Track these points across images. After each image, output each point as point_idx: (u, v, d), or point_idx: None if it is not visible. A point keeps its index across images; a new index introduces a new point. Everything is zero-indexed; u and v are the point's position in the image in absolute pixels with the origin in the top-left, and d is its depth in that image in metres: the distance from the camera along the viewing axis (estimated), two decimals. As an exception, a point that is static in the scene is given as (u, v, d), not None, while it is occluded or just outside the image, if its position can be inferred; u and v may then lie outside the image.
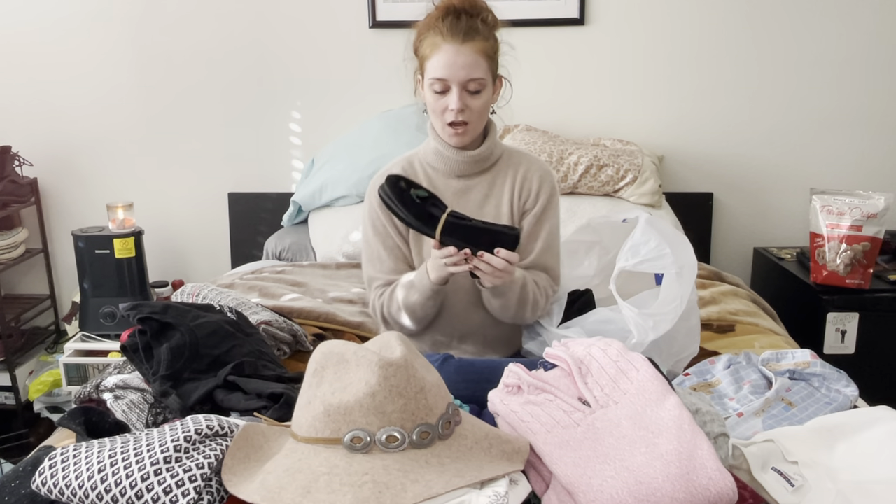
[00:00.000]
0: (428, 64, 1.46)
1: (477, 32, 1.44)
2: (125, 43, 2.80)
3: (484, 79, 1.45)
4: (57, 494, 0.93)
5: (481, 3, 1.48)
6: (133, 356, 1.35)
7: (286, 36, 2.77)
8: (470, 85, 1.44)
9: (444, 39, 1.43)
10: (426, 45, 1.46)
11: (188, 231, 2.96)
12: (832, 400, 1.32)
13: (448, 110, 1.46)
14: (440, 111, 1.47)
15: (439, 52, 1.43)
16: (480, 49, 1.44)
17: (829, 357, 2.17)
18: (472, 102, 1.46)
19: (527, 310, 1.52)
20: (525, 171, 1.58)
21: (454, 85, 1.44)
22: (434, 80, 1.45)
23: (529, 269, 1.55)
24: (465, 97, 1.45)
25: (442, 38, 1.43)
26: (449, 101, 1.45)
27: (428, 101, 1.50)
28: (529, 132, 2.63)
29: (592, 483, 0.91)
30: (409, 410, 0.91)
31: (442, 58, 1.43)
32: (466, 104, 1.45)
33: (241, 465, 0.94)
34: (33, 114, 2.87)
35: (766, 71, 2.70)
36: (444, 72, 1.43)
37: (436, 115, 1.49)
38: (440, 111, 1.47)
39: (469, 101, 1.45)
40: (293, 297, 1.99)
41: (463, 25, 1.43)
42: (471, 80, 1.43)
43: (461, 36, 1.42)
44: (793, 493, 1.01)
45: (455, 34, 1.42)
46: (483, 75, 1.45)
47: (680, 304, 1.43)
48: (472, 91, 1.45)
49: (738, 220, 2.84)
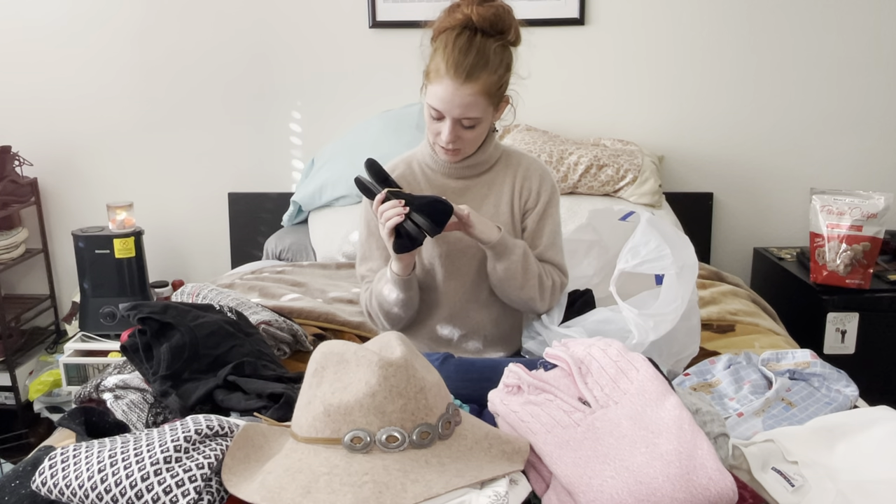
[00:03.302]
0: (430, 85, 1.42)
1: (483, 68, 1.37)
2: (125, 43, 2.80)
3: (479, 118, 1.42)
4: (57, 494, 0.93)
5: (505, 21, 1.40)
6: (133, 356, 1.35)
7: (286, 36, 2.77)
8: (464, 121, 1.42)
9: (446, 72, 1.37)
10: (433, 64, 1.41)
11: (188, 231, 2.96)
12: (832, 400, 1.32)
13: (440, 136, 1.44)
14: (434, 133, 1.47)
15: (440, 84, 1.39)
16: (481, 89, 1.38)
17: (829, 357, 2.17)
18: (466, 135, 1.44)
19: (534, 282, 1.51)
20: (525, 171, 1.58)
21: (448, 118, 1.41)
22: (430, 106, 1.42)
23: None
24: (458, 129, 1.43)
25: (445, 69, 1.37)
26: (442, 129, 1.43)
27: (425, 116, 1.48)
28: (529, 132, 2.63)
29: (592, 483, 0.91)
30: (409, 410, 0.91)
31: (440, 90, 1.39)
32: (459, 136, 1.44)
33: (241, 465, 0.94)
34: (33, 114, 2.87)
35: (765, 71, 2.70)
36: (439, 104, 1.40)
37: (430, 132, 1.49)
38: (434, 133, 1.47)
39: (462, 133, 1.44)
40: (293, 297, 1.99)
41: (470, 60, 1.36)
42: (465, 118, 1.41)
43: (463, 75, 1.36)
44: (793, 493, 1.01)
45: (458, 73, 1.36)
46: (479, 114, 1.41)
47: (681, 304, 1.43)
48: (465, 126, 1.43)
49: (738, 220, 2.84)
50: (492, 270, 1.52)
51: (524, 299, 1.54)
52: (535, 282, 1.52)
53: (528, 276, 1.50)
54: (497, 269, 1.50)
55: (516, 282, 1.50)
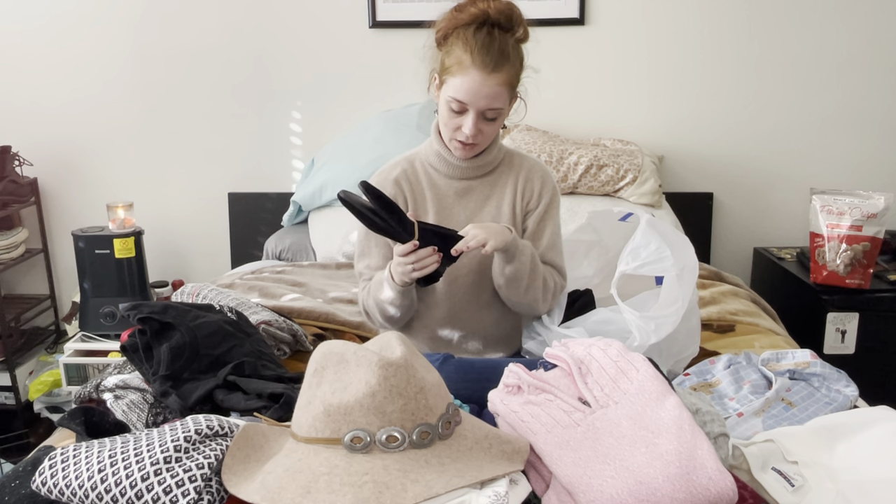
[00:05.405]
0: (450, 79, 1.42)
1: (507, 60, 1.40)
2: (125, 43, 2.80)
3: (503, 108, 1.43)
4: (57, 494, 0.93)
5: (518, 15, 1.43)
6: (133, 356, 1.35)
7: (286, 36, 2.77)
8: (488, 113, 1.43)
9: (472, 63, 1.38)
10: (453, 58, 1.41)
11: (188, 231, 2.96)
12: (832, 400, 1.32)
13: (461, 131, 1.44)
14: (453, 128, 1.46)
15: (465, 76, 1.39)
16: (506, 79, 1.40)
17: (829, 357, 2.17)
18: (486, 128, 1.45)
19: (539, 283, 1.51)
20: (527, 172, 1.58)
21: (472, 110, 1.42)
22: (453, 99, 1.42)
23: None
24: (481, 122, 1.43)
25: (471, 61, 1.38)
26: (464, 123, 1.43)
27: (441, 112, 1.47)
28: (529, 132, 2.63)
29: (592, 483, 0.91)
30: (409, 410, 0.91)
31: (466, 83, 1.39)
32: (480, 129, 1.44)
33: (241, 465, 0.94)
34: (33, 114, 2.87)
35: (766, 71, 2.70)
36: (465, 96, 1.40)
37: (447, 128, 1.48)
38: (453, 128, 1.46)
39: (483, 127, 1.44)
40: (293, 297, 1.99)
41: (495, 52, 1.38)
42: (490, 109, 1.42)
43: (491, 65, 1.38)
44: (793, 493, 1.01)
45: (486, 62, 1.37)
46: (503, 105, 1.43)
47: (681, 305, 1.43)
48: (488, 118, 1.44)
49: (738, 220, 2.84)
50: (499, 272, 1.51)
51: (528, 301, 1.53)
52: (540, 283, 1.52)
53: (534, 277, 1.50)
54: (506, 271, 1.49)
55: (523, 283, 1.50)
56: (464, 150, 1.50)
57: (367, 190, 1.35)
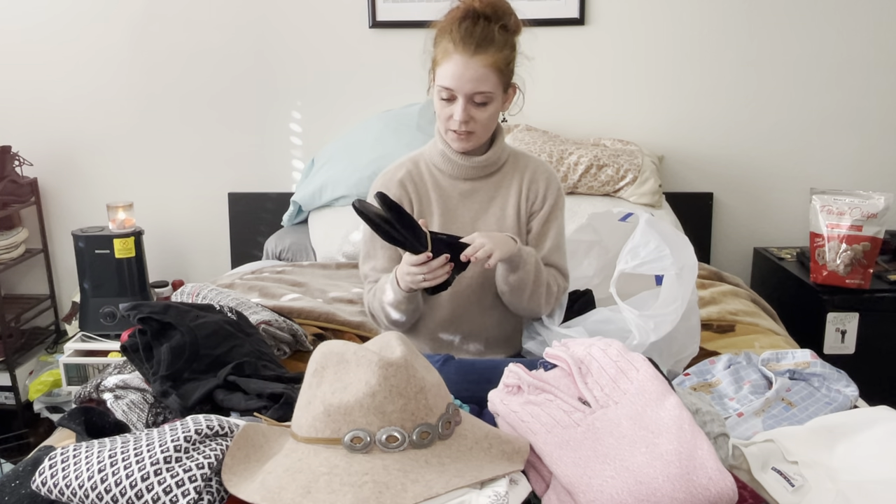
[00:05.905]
0: (438, 69, 1.44)
1: (491, 43, 1.40)
2: (125, 43, 2.80)
3: (491, 92, 1.43)
4: (57, 494, 0.93)
5: (505, 6, 1.44)
6: (133, 356, 1.35)
7: (286, 36, 2.77)
8: (476, 97, 1.43)
9: (455, 48, 1.40)
10: (439, 50, 1.44)
11: (188, 231, 2.96)
12: (832, 400, 1.32)
13: (452, 119, 1.45)
14: (445, 118, 1.47)
15: (449, 61, 1.41)
16: (491, 62, 1.41)
17: (829, 357, 2.17)
18: (478, 114, 1.45)
19: (542, 290, 1.51)
20: (532, 173, 1.58)
21: (460, 96, 1.42)
22: (441, 87, 1.43)
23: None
24: (471, 108, 1.43)
25: (454, 47, 1.40)
26: (454, 110, 1.44)
27: (435, 105, 1.49)
28: (529, 132, 2.63)
29: (592, 483, 0.91)
30: (409, 410, 0.91)
31: (450, 67, 1.41)
32: (471, 115, 1.44)
33: (241, 465, 0.94)
34: (33, 114, 2.87)
35: (766, 71, 2.70)
36: (450, 82, 1.41)
37: (441, 120, 1.49)
38: (445, 118, 1.47)
39: (474, 113, 1.44)
40: (293, 297, 1.99)
41: (477, 35, 1.39)
42: (477, 93, 1.42)
43: (472, 47, 1.39)
44: (793, 493, 1.01)
45: (467, 45, 1.39)
46: (491, 89, 1.42)
47: (681, 304, 1.44)
48: (478, 103, 1.44)
49: (738, 220, 2.84)
50: (503, 280, 1.51)
51: (531, 307, 1.54)
52: (544, 290, 1.52)
53: (538, 284, 1.50)
54: (510, 279, 1.49)
55: (527, 291, 1.50)
56: (459, 141, 1.49)
57: (383, 201, 1.34)
